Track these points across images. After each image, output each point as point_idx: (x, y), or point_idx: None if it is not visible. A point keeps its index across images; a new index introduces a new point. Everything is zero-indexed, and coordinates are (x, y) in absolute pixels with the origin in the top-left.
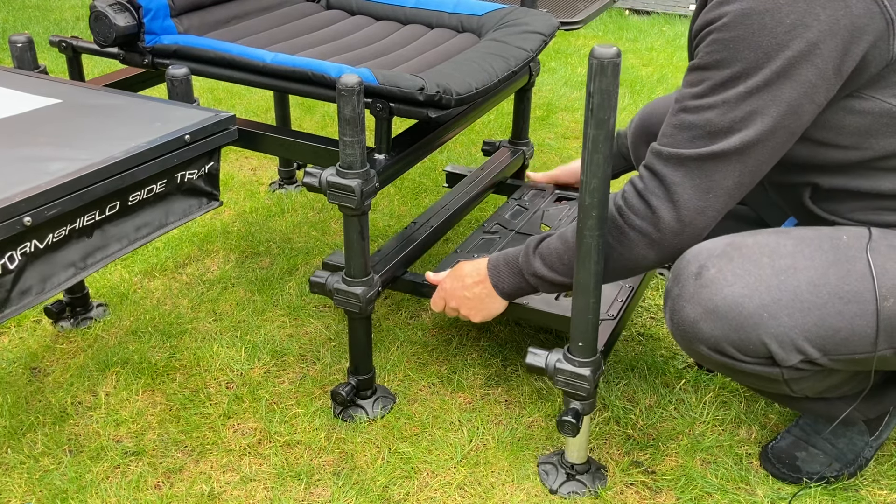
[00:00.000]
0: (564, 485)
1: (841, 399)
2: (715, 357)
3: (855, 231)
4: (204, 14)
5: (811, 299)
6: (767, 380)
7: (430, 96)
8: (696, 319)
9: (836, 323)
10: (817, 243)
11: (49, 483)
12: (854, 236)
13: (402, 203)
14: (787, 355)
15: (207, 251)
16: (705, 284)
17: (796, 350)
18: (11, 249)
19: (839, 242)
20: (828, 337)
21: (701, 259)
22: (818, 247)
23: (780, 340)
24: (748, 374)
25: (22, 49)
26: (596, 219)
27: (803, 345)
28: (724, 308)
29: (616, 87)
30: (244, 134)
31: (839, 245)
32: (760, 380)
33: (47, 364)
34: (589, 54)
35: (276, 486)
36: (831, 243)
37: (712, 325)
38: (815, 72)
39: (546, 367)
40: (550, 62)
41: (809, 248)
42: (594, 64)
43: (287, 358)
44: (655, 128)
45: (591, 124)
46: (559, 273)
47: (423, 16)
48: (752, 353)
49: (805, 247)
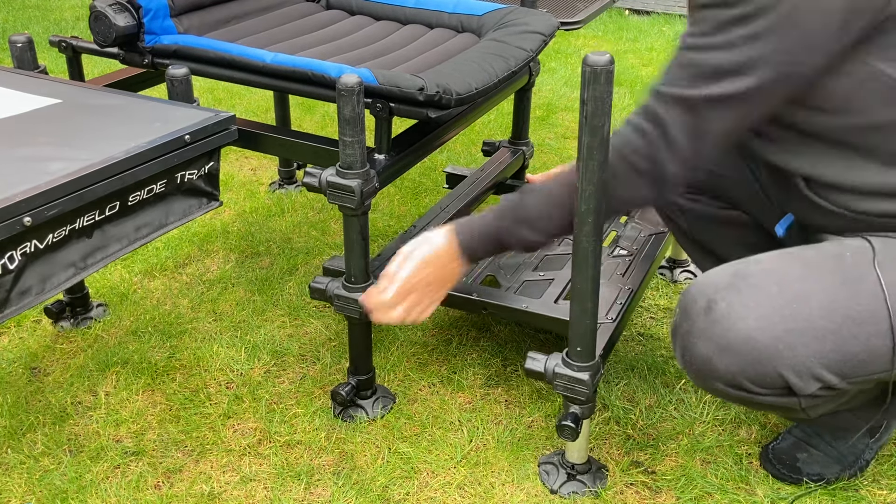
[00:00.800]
0: (565, 485)
1: (848, 410)
2: (732, 392)
3: (857, 246)
4: (204, 14)
5: (825, 325)
6: (785, 409)
7: (430, 96)
8: (709, 356)
9: (852, 347)
10: (824, 264)
11: (49, 483)
12: (858, 252)
13: (402, 203)
14: (805, 385)
15: (207, 251)
16: (717, 320)
17: (814, 378)
18: (11, 249)
19: (844, 261)
20: (845, 362)
21: (709, 293)
22: (825, 269)
23: (798, 371)
24: (765, 405)
25: (22, 49)
26: (592, 225)
27: (821, 372)
28: (739, 343)
29: (610, 94)
30: (244, 134)
31: (845, 264)
32: (777, 409)
33: (47, 364)
34: (582, 62)
35: (276, 486)
36: (837, 263)
37: (728, 362)
38: (820, 21)
39: (545, 372)
40: (550, 62)
41: (817, 271)
42: (587, 71)
43: (287, 358)
44: None
45: (586, 131)
46: (547, 235)
47: (423, 16)
48: (769, 385)
49: (812, 271)
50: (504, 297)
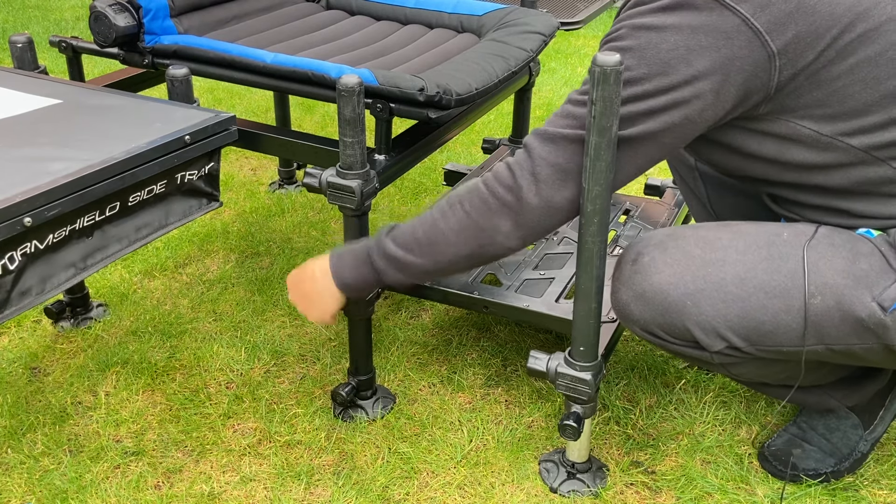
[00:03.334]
0: (565, 483)
1: (817, 387)
2: (648, 337)
3: (799, 228)
4: (204, 14)
5: (735, 291)
6: (702, 361)
7: (431, 97)
8: (627, 302)
9: (759, 316)
10: (753, 238)
11: (49, 483)
12: (795, 234)
13: (402, 203)
14: (711, 341)
15: (207, 251)
16: (638, 271)
17: (719, 337)
18: (12, 250)
19: (777, 239)
20: (752, 328)
21: (639, 247)
22: (753, 242)
23: (703, 327)
24: (683, 355)
25: (22, 49)
26: (598, 225)
27: (726, 333)
28: (651, 293)
29: (619, 94)
30: (244, 134)
31: (777, 241)
32: (696, 361)
33: (47, 364)
34: (591, 62)
35: (276, 486)
36: (768, 239)
37: (641, 308)
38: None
39: (547, 372)
40: (550, 62)
41: (744, 242)
42: (597, 72)
43: (287, 358)
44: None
45: (594, 132)
46: (412, 253)
47: (423, 16)
48: (678, 336)
49: (740, 241)
50: (505, 296)
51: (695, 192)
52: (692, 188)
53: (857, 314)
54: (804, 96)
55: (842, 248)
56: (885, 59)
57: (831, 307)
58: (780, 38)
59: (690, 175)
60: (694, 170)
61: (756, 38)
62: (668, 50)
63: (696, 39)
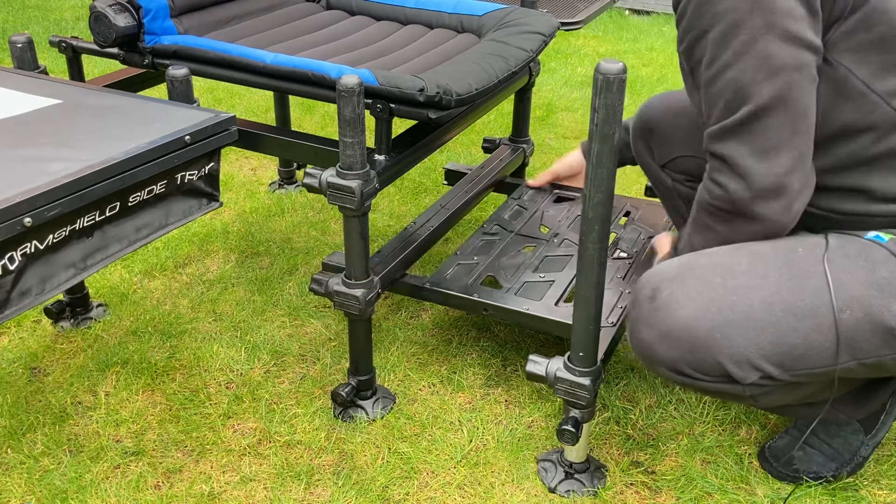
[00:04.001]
0: (563, 483)
1: (825, 402)
2: (674, 377)
3: (811, 241)
4: (204, 14)
5: (764, 318)
6: (731, 396)
7: (430, 97)
8: (651, 343)
9: (791, 339)
10: (772, 259)
11: (49, 483)
12: (810, 248)
13: (402, 203)
14: (744, 373)
15: (207, 251)
16: (658, 308)
17: (753, 368)
18: (11, 250)
19: (794, 256)
20: (784, 353)
21: (654, 282)
22: (772, 263)
23: (736, 360)
24: (711, 391)
25: (22, 49)
26: (598, 232)
27: (760, 362)
28: (677, 331)
29: (621, 102)
30: (244, 134)
31: (794, 259)
32: (725, 396)
33: (47, 364)
34: (595, 69)
35: (276, 486)
36: (786, 257)
37: (668, 348)
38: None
39: (546, 376)
40: (550, 62)
41: (763, 264)
42: (600, 79)
43: (287, 358)
44: (653, 123)
45: (596, 139)
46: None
47: (423, 16)
48: (709, 372)
49: (759, 264)
50: (505, 299)
51: (679, 212)
52: (676, 208)
53: (887, 323)
54: (864, 31)
55: (857, 258)
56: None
57: (860, 320)
58: None
59: (671, 196)
60: (673, 191)
61: None
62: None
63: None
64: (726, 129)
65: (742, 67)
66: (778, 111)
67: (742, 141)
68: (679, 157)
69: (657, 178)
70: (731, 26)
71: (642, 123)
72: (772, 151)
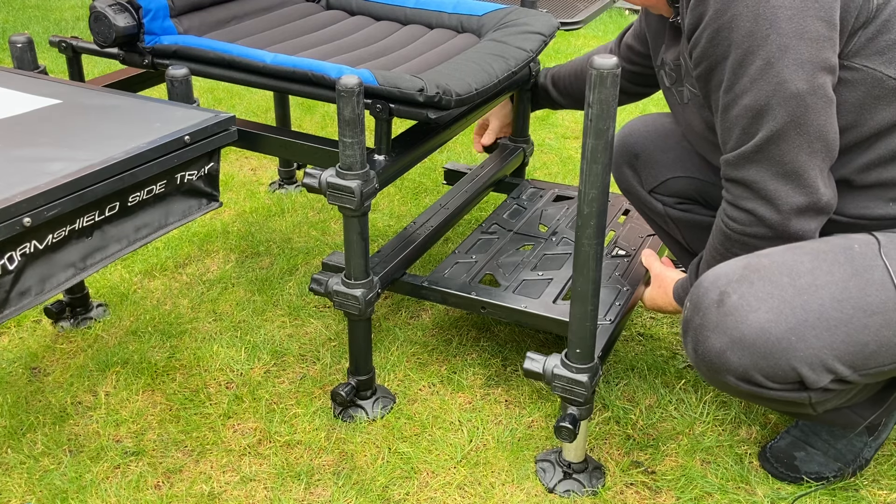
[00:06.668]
0: (561, 483)
1: (848, 408)
2: (742, 387)
3: (863, 238)
4: (204, 14)
5: (836, 316)
6: (793, 404)
7: (430, 97)
8: (722, 350)
9: (863, 337)
10: (833, 256)
11: (49, 483)
12: (864, 244)
13: (402, 203)
14: (818, 377)
15: (207, 251)
16: (729, 312)
17: (827, 371)
18: (11, 250)
19: (853, 253)
20: (856, 352)
21: (721, 285)
22: (834, 260)
23: (810, 363)
24: (774, 400)
25: (22, 49)
26: (594, 228)
27: (834, 364)
28: (752, 335)
29: (615, 97)
30: (244, 134)
31: (854, 255)
32: (785, 404)
33: (47, 364)
34: (588, 64)
35: (276, 486)
36: (846, 254)
37: (740, 355)
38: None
39: (544, 373)
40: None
41: (826, 262)
42: (593, 75)
43: (287, 358)
44: (638, 148)
45: (591, 134)
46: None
47: (422, 16)
48: (781, 379)
49: (822, 261)
50: (503, 297)
51: (672, 237)
52: (669, 233)
53: None
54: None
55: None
56: None
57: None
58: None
59: (662, 221)
60: (664, 216)
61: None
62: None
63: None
64: (744, 156)
65: (756, 94)
66: (791, 136)
67: (762, 166)
68: (670, 178)
69: (646, 204)
70: (747, 52)
71: (626, 150)
72: (793, 173)
